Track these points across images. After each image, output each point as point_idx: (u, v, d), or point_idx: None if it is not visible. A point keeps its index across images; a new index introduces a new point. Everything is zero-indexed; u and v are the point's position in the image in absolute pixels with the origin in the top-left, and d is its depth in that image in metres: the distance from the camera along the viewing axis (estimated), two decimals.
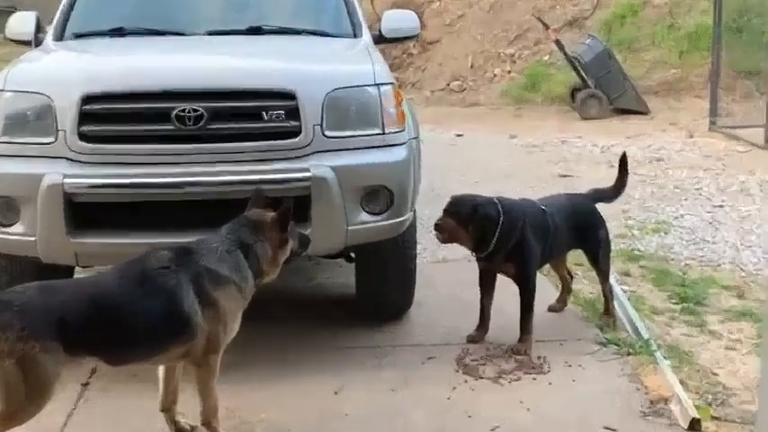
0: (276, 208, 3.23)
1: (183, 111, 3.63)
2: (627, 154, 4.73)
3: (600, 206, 4.52)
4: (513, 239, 4.02)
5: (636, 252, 5.87)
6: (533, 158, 9.60)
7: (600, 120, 12.20)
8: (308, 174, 3.67)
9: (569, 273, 4.75)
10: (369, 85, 3.90)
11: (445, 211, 4.07)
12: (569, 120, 12.56)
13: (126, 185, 3.63)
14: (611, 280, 4.74)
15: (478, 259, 4.15)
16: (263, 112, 3.70)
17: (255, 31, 4.60)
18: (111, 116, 3.67)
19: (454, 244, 4.15)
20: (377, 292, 4.39)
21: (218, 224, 3.26)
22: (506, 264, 4.07)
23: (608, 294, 4.51)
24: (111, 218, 3.69)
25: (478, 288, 4.26)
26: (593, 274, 4.70)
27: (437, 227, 4.04)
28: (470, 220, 3.97)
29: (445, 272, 5.39)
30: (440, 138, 11.26)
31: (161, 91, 3.67)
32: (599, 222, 4.46)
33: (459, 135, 11.36)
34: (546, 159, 9.49)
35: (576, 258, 5.26)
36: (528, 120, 12.84)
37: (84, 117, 3.62)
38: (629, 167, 4.63)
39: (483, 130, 11.77)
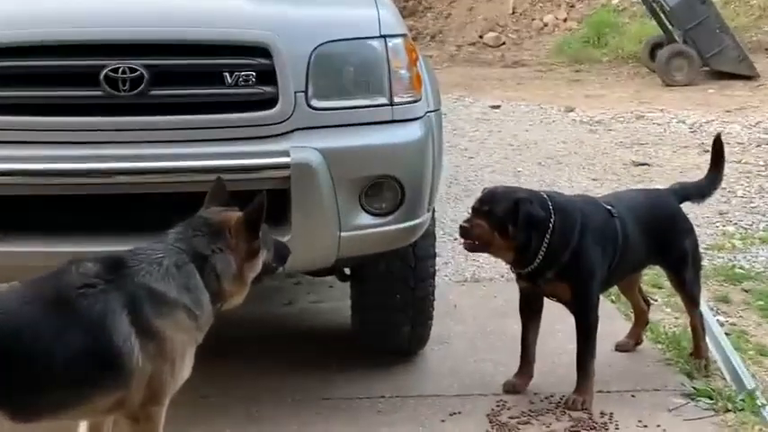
0: (243, 206, 3.24)
1: (116, 71, 3.63)
2: (722, 135, 4.74)
3: (687, 207, 4.55)
4: (567, 250, 4.03)
5: (738, 270, 5.88)
6: (597, 140, 9.61)
7: (690, 87, 12.21)
8: (286, 159, 3.68)
9: (645, 299, 4.76)
10: (372, 38, 3.91)
11: (475, 209, 4.08)
12: (647, 87, 12.58)
13: (34, 173, 3.63)
14: (703, 308, 4.74)
15: (519, 277, 4.16)
16: (226, 74, 3.70)
17: None
18: (13, 77, 3.67)
19: (487, 255, 4.13)
20: (381, 322, 4.41)
21: (164, 227, 3.27)
22: (558, 284, 4.08)
23: (698, 328, 4.53)
24: (15, 217, 3.70)
25: (519, 318, 4.27)
26: (678, 299, 4.71)
27: (463, 230, 4.05)
28: (510, 222, 3.98)
29: (474, 295, 5.41)
30: (469, 110, 11.28)
31: (84, 42, 3.67)
32: (685, 228, 4.46)
33: (495, 107, 11.39)
34: (615, 141, 9.51)
35: (654, 278, 5.27)
36: (590, 86, 12.86)
37: None
38: (725, 153, 4.63)
39: (528, 99, 11.80)
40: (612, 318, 4.99)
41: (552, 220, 4.01)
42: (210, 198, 3.32)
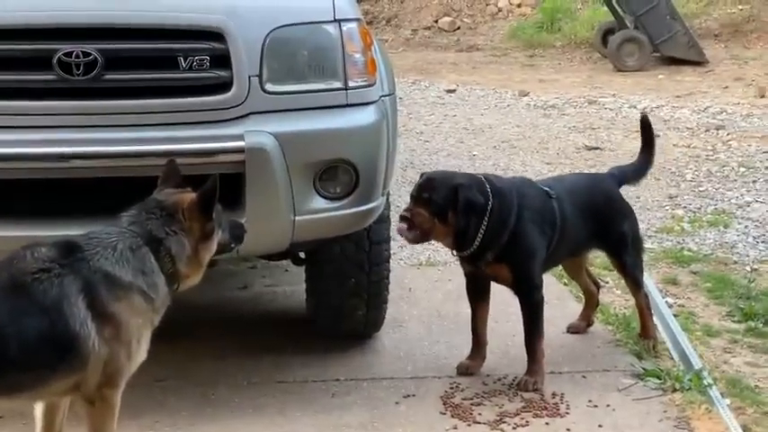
0: (197, 188, 3.25)
1: (69, 55, 3.62)
2: (647, 117, 4.79)
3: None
4: (506, 232, 4.07)
5: (686, 252, 5.97)
6: (551, 124, 9.69)
7: (640, 72, 12.34)
8: (241, 143, 3.69)
9: (594, 281, 4.82)
10: (326, 22, 3.92)
11: (414, 197, 4.10)
12: (599, 72, 12.69)
13: None
14: (652, 290, 4.81)
15: (462, 260, 4.21)
16: (180, 58, 3.70)
17: None
18: None
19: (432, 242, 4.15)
20: (336, 306, 4.43)
21: (117, 211, 3.27)
22: (498, 266, 4.12)
23: (644, 309, 4.59)
24: None
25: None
26: None
27: (403, 220, 4.06)
28: (450, 208, 4.02)
29: (429, 279, 5.45)
30: (424, 94, 11.31)
31: (38, 27, 3.65)
32: (624, 211, 4.53)
33: (450, 91, 11.43)
34: (568, 126, 9.58)
35: (605, 262, 5.34)
36: (544, 71, 12.94)
37: None
38: (653, 132, 4.69)
39: (483, 84, 11.85)
40: (564, 300, 5.06)
41: (490, 204, 4.05)
42: (164, 180, 3.32)
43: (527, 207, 4.12)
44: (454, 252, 4.19)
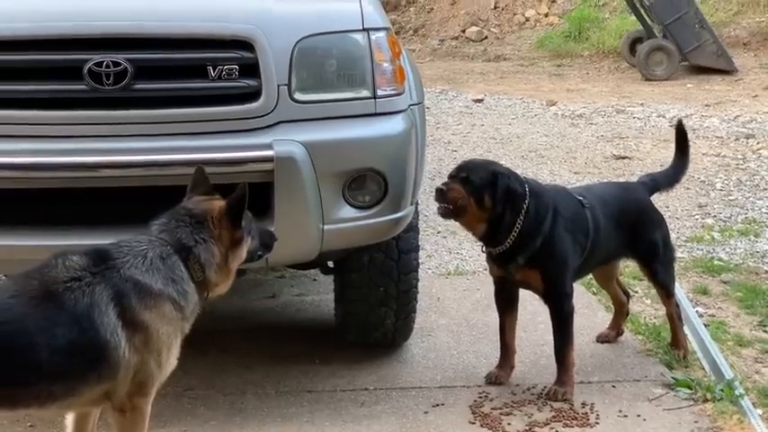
0: (226, 196, 3.25)
1: (100, 65, 3.65)
2: (683, 123, 4.77)
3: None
4: (539, 235, 4.06)
5: (716, 262, 5.93)
6: (579, 133, 9.66)
7: (669, 81, 12.28)
8: (269, 152, 3.70)
9: (624, 290, 4.80)
10: (355, 31, 3.93)
11: (452, 175, 4.11)
12: (627, 81, 12.64)
13: (19, 167, 3.64)
14: (682, 299, 4.77)
15: (491, 259, 4.19)
16: (209, 68, 3.72)
17: None
18: None
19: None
20: (364, 315, 4.43)
21: (147, 220, 3.28)
22: (529, 271, 4.10)
23: (675, 318, 4.57)
24: (1, 211, 3.71)
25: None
26: None
27: (440, 193, 4.04)
28: (487, 191, 4.01)
29: (458, 288, 5.44)
30: (452, 104, 11.31)
31: (68, 36, 3.68)
32: (655, 220, 4.51)
33: (477, 100, 11.43)
34: (596, 135, 9.55)
35: (635, 270, 5.31)
36: (571, 81, 12.92)
37: None
38: (688, 139, 4.66)
39: (510, 93, 11.84)
40: (594, 309, 5.03)
41: (527, 201, 4.04)
42: (192, 188, 3.32)
43: (562, 213, 4.11)
44: (484, 248, 4.16)
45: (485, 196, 4.00)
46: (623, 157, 8.63)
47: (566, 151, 8.91)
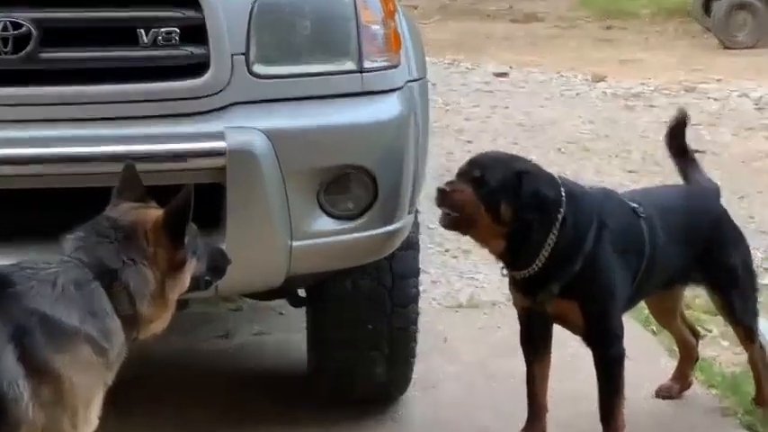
0: (164, 203, 3.28)
1: None
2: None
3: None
4: (579, 255, 4.08)
5: None
6: (635, 119, 9.70)
7: (755, 50, 12.31)
8: (220, 144, 3.74)
9: (692, 329, 4.83)
10: None
11: (462, 173, 4.11)
12: (700, 49, 12.67)
13: None
14: (765, 339, 4.80)
15: (515, 287, 4.21)
16: (140, 31, 3.75)
17: None
18: None
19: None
20: (347, 361, 4.46)
21: (59, 233, 3.29)
22: (565, 302, 4.12)
23: (759, 366, 4.60)
24: None
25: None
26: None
27: (442, 195, 4.03)
28: (505, 197, 4.01)
29: (472, 325, 5.48)
30: (466, 79, 11.31)
31: None
32: (733, 236, 4.55)
33: (500, 74, 11.45)
34: (658, 121, 9.55)
35: (708, 303, 5.32)
36: (625, 49, 12.93)
37: None
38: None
39: (544, 66, 11.85)
40: (652, 353, 5.06)
41: (562, 210, 4.06)
42: (119, 192, 3.31)
43: (609, 226, 4.13)
44: (505, 271, 4.20)
45: (501, 205, 4.00)
46: (695, 151, 8.64)
47: (617, 143, 8.95)
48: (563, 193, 4.08)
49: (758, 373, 4.61)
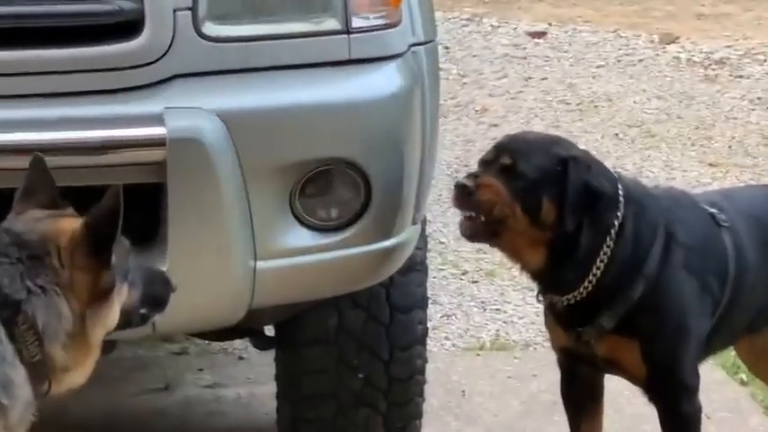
0: (85, 208, 3.28)
1: None
2: None
3: None
4: (640, 276, 4.10)
5: None
6: (717, 95, 9.70)
7: None
8: (158, 130, 3.76)
9: None
10: None
11: (487, 162, 4.11)
12: None
13: None
14: None
15: (554, 318, 4.23)
16: None
17: None
18: None
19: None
20: (330, 422, 4.48)
21: None
22: (620, 340, 4.13)
23: None
24: None
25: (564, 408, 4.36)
26: None
27: (463, 192, 4.00)
28: (548, 190, 4.04)
29: (498, 374, 5.50)
30: (489, 42, 11.28)
31: None
32: None
33: (536, 35, 11.43)
34: (748, 97, 9.59)
35: None
36: None
37: None
38: None
39: (594, 22, 11.83)
40: (742, 410, 5.09)
41: (620, 215, 4.08)
42: (24, 194, 3.35)
43: (681, 239, 4.15)
44: (540, 296, 4.22)
45: (543, 199, 4.02)
46: None
47: (694, 126, 8.97)
48: (621, 192, 4.10)
49: None
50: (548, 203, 4.01)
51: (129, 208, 3.22)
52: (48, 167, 3.38)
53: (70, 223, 3.29)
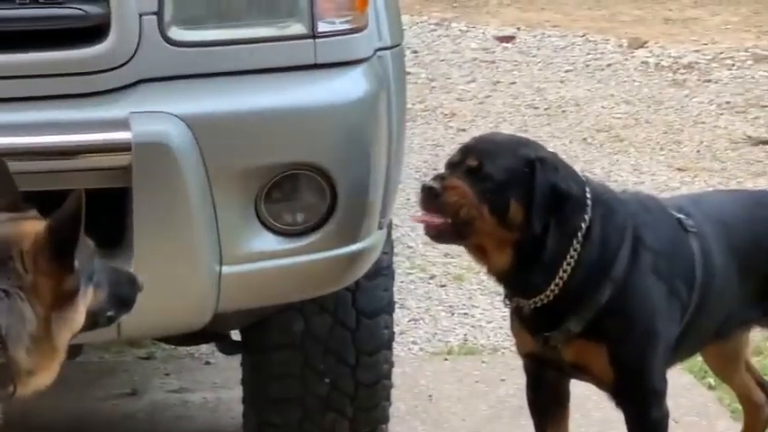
0: (48, 210, 3.28)
1: None
2: None
3: None
4: (607, 281, 4.10)
5: None
6: (685, 99, 9.70)
7: None
8: (124, 134, 3.77)
9: (761, 383, 4.84)
10: None
11: (454, 164, 4.10)
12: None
13: None
14: None
15: (519, 322, 4.22)
16: None
17: None
18: None
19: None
20: (296, 427, 4.49)
21: None
22: (587, 345, 4.13)
23: None
24: None
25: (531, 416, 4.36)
26: None
27: (430, 194, 3.99)
28: (516, 192, 4.03)
29: (465, 379, 5.50)
30: (458, 46, 11.27)
31: None
32: None
33: (504, 39, 11.43)
34: (717, 101, 9.61)
35: None
36: (673, 3, 12.94)
37: None
38: None
39: (563, 26, 11.83)
40: (709, 415, 5.09)
41: (588, 218, 4.08)
42: None
43: (648, 243, 4.16)
44: (507, 300, 4.21)
45: (510, 201, 4.02)
46: (766, 143, 8.69)
47: (662, 131, 8.97)
48: (588, 195, 4.10)
49: None
50: (515, 205, 4.01)
51: (95, 212, 3.22)
52: (9, 171, 3.37)
53: (33, 226, 3.27)
